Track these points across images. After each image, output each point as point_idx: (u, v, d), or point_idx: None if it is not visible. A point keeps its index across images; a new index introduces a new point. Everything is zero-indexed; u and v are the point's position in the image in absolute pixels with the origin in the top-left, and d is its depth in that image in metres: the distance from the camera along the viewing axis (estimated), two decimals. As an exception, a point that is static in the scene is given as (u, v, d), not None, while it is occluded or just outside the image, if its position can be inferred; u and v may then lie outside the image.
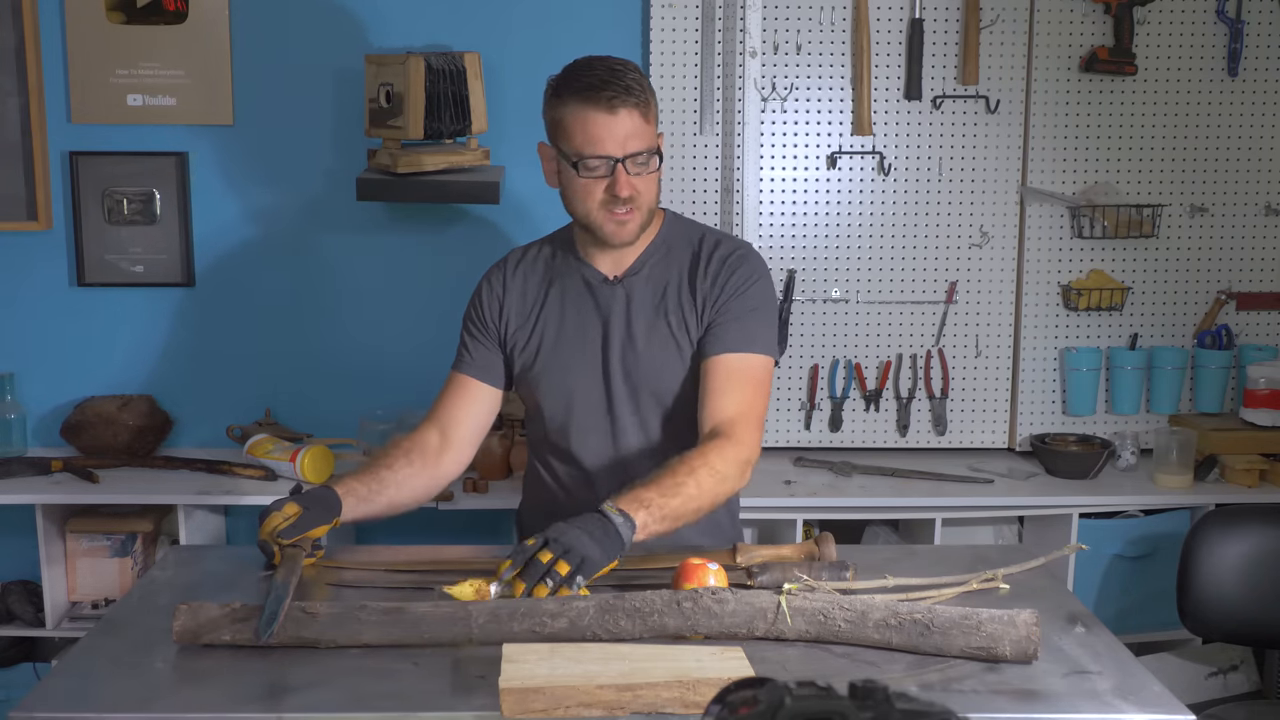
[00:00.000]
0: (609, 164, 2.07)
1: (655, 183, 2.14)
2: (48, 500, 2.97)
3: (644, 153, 2.08)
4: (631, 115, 2.06)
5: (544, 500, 2.28)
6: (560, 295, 2.23)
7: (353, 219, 3.25)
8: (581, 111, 2.06)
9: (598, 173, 2.08)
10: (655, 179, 2.13)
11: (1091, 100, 3.23)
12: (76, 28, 3.15)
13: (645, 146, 2.08)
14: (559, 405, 2.22)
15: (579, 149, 2.07)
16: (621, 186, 2.07)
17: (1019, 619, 1.64)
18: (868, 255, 3.26)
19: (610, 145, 2.06)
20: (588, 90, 2.06)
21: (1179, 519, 3.13)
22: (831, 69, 3.20)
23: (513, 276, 2.26)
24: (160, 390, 3.29)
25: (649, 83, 2.12)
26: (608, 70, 2.07)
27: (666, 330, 2.18)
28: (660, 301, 2.19)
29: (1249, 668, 3.17)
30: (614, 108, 2.05)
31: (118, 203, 3.22)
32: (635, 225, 2.13)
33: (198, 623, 1.66)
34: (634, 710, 1.48)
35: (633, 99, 2.05)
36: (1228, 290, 3.34)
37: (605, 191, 2.09)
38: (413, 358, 3.29)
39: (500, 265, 2.29)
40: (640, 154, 2.08)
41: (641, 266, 2.21)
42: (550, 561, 1.75)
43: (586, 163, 2.07)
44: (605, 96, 2.05)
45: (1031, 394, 3.33)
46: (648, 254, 2.21)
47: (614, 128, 2.05)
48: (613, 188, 2.08)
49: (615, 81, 2.05)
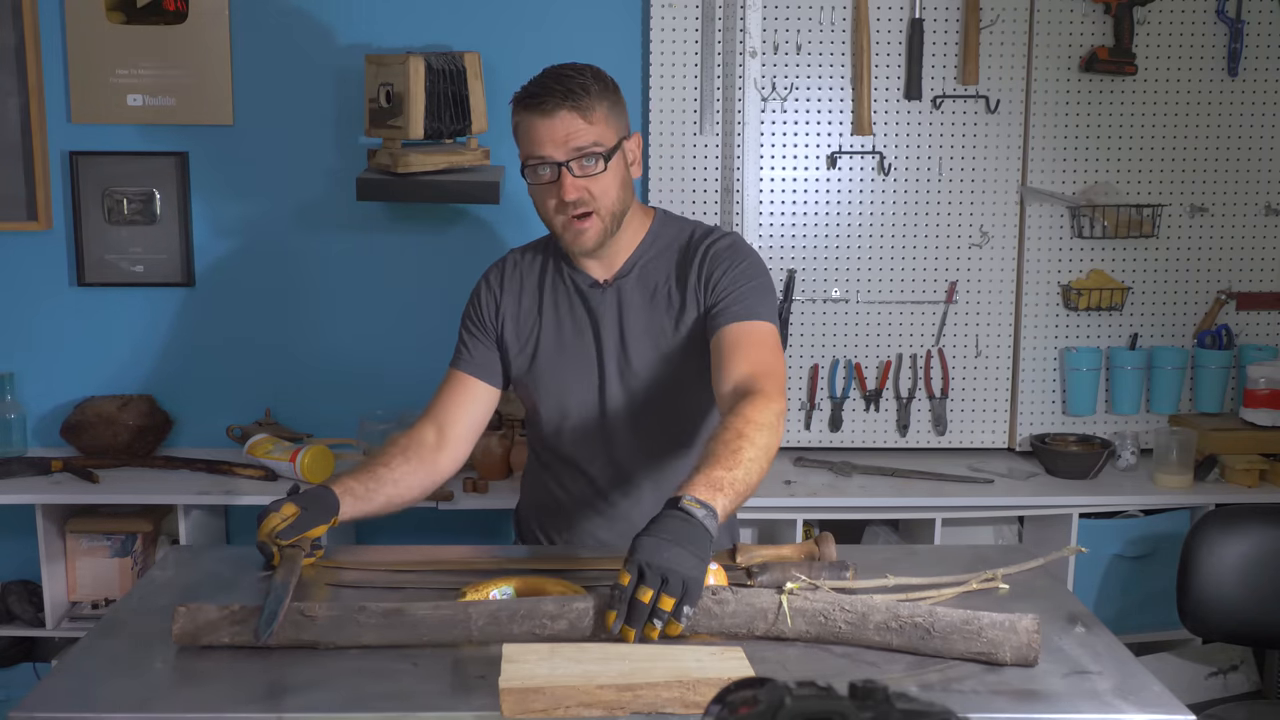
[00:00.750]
0: (554, 168, 2.06)
1: (614, 183, 2.10)
2: (48, 500, 2.97)
3: (588, 150, 2.06)
4: (570, 117, 2.05)
5: (543, 499, 2.29)
6: (554, 300, 2.22)
7: (353, 219, 3.25)
8: (524, 118, 2.09)
9: (544, 178, 2.08)
10: (612, 179, 2.10)
11: (1091, 100, 3.23)
12: (76, 28, 3.15)
13: (588, 144, 2.06)
14: (554, 409, 2.22)
15: (524, 155, 2.09)
16: (566, 190, 2.06)
17: (1020, 625, 1.64)
18: (868, 255, 3.26)
19: (549, 147, 2.06)
20: (527, 98, 2.08)
21: (1179, 519, 3.13)
22: (831, 69, 3.20)
23: (510, 278, 2.26)
24: (160, 390, 3.29)
25: (606, 85, 2.11)
26: (553, 77, 2.08)
27: (660, 330, 2.17)
28: (652, 301, 2.18)
29: (1249, 668, 3.17)
30: (549, 111, 2.05)
31: (118, 203, 3.22)
32: (595, 232, 2.11)
33: (197, 624, 1.66)
34: (634, 710, 1.48)
35: (570, 100, 2.05)
36: (1228, 290, 3.34)
37: (555, 198, 2.08)
38: (413, 358, 3.29)
39: (498, 265, 2.29)
40: (584, 152, 2.06)
41: (631, 268, 2.20)
42: (652, 599, 1.61)
43: (532, 168, 2.08)
44: (540, 100, 2.06)
45: (1031, 394, 3.33)
46: (637, 255, 2.20)
47: (552, 130, 2.05)
48: (560, 191, 2.07)
49: (554, 86, 2.05)
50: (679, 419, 2.21)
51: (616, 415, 2.19)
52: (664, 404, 2.19)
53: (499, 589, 1.82)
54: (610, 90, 2.11)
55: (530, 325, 2.23)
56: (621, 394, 2.18)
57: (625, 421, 2.19)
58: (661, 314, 2.18)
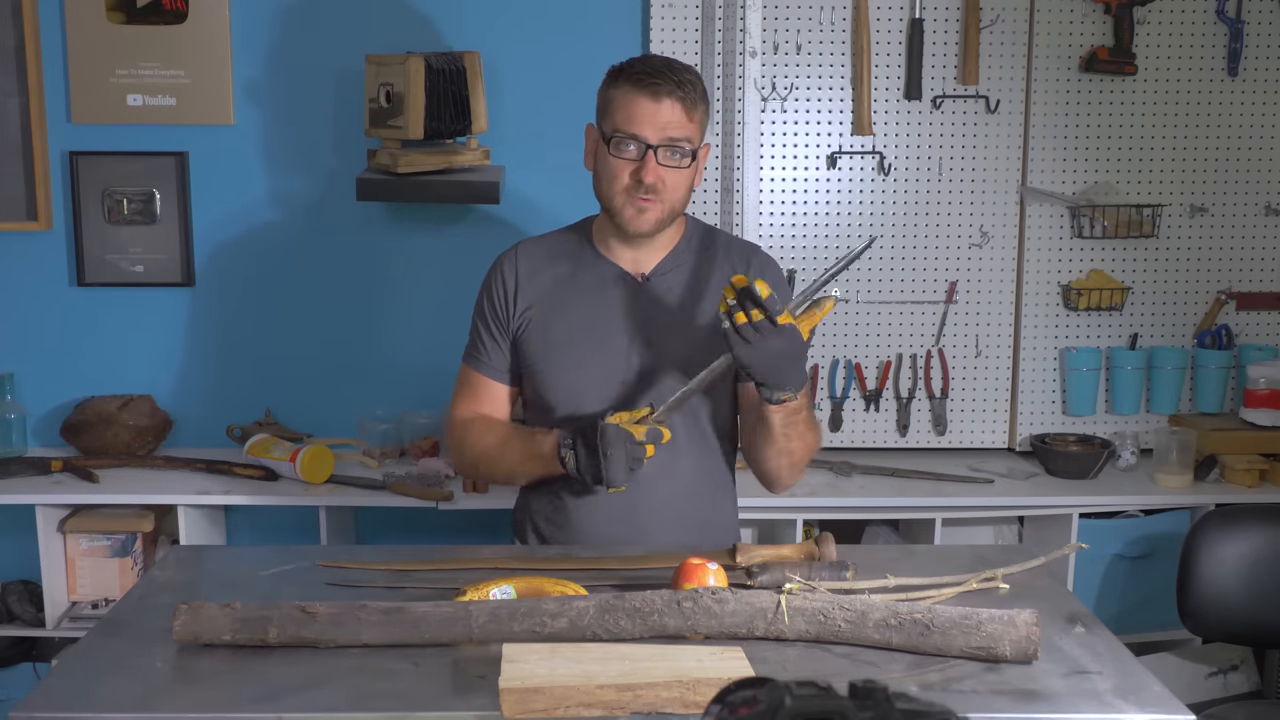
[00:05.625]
0: (641, 147, 2.10)
1: (685, 182, 2.15)
2: (48, 500, 2.97)
3: (680, 145, 2.10)
4: (674, 107, 2.10)
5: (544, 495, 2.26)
6: (578, 288, 2.21)
7: (353, 219, 3.25)
8: (628, 93, 2.11)
9: (628, 154, 2.10)
10: (686, 178, 2.14)
11: (1091, 100, 3.23)
12: (76, 28, 3.15)
13: (683, 137, 2.11)
14: (568, 397, 2.20)
15: (616, 125, 2.11)
16: (648, 172, 2.09)
17: (1019, 619, 1.64)
18: (868, 255, 3.26)
19: (646, 129, 2.09)
20: (640, 75, 2.11)
21: (1179, 519, 3.13)
22: (831, 69, 3.20)
23: (525, 263, 2.25)
24: (160, 390, 3.29)
25: (704, 93, 2.16)
26: (666, 65, 2.13)
27: (692, 328, 2.18)
28: (692, 302, 2.19)
29: (1249, 668, 3.17)
30: (658, 95, 2.09)
31: (118, 203, 3.22)
32: (654, 216, 2.14)
33: (198, 623, 1.66)
34: (634, 710, 1.48)
35: (680, 93, 2.10)
36: (1228, 290, 3.34)
37: (631, 176, 2.11)
38: (412, 358, 3.29)
39: (512, 252, 2.28)
40: (676, 145, 2.10)
41: (669, 268, 2.21)
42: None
43: (620, 141, 2.10)
44: (653, 83, 2.09)
45: (1031, 394, 3.33)
46: (676, 254, 2.23)
47: (655, 114, 2.09)
48: (639, 172, 2.10)
49: (668, 74, 2.10)
50: (698, 419, 2.20)
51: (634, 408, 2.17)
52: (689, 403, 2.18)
53: (499, 589, 1.82)
54: (706, 99, 2.17)
55: (547, 308, 2.21)
56: (643, 388, 2.17)
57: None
58: (694, 313, 2.19)
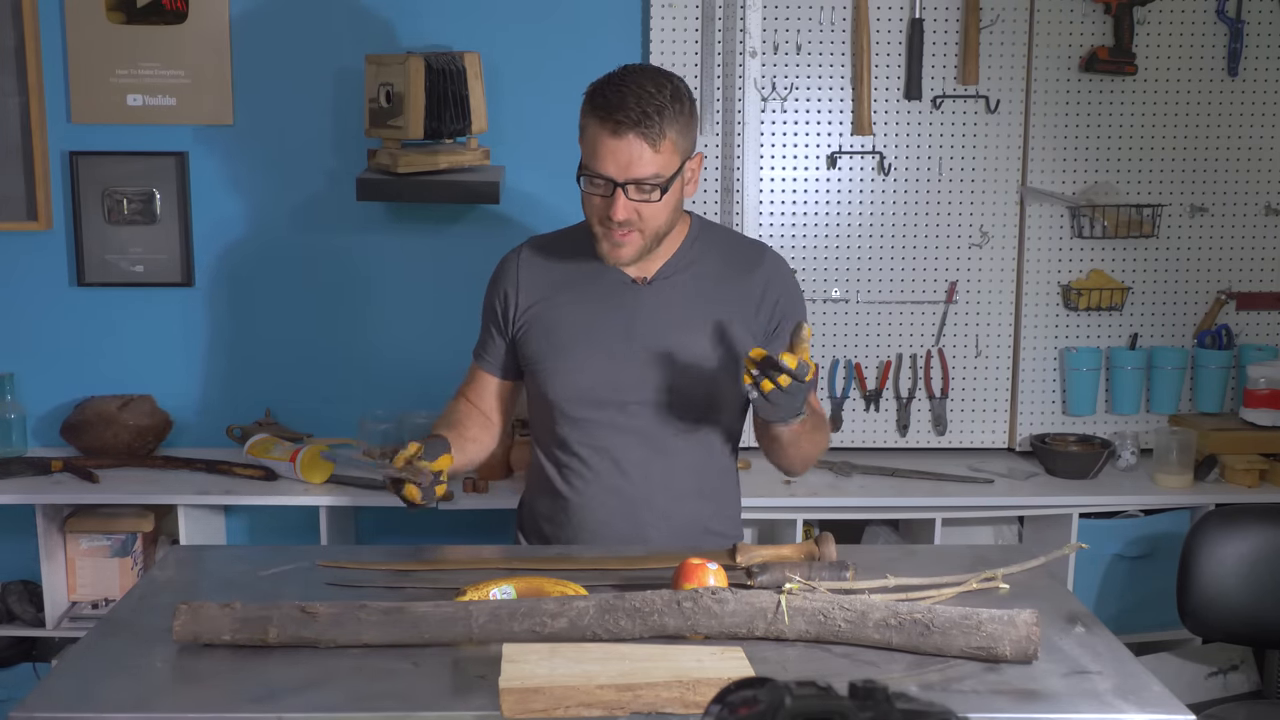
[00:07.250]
0: (609, 185, 2.05)
1: (664, 209, 2.09)
2: (48, 500, 2.98)
3: (645, 183, 2.05)
4: (637, 143, 2.02)
5: (547, 494, 2.27)
6: (582, 290, 2.20)
7: (353, 219, 3.25)
8: (594, 127, 2.05)
9: (599, 190, 2.07)
10: (665, 206, 2.09)
11: (1091, 100, 3.23)
12: (76, 28, 3.15)
13: (649, 175, 2.04)
14: (569, 400, 2.20)
15: (585, 160, 2.08)
16: (617, 210, 2.05)
17: (1019, 619, 1.64)
18: (868, 255, 3.26)
19: (611, 168, 2.04)
20: (602, 109, 2.04)
21: (1179, 519, 3.13)
22: (831, 69, 3.20)
23: (529, 263, 2.25)
24: (160, 390, 3.29)
25: (682, 106, 2.07)
26: (632, 92, 2.02)
27: (702, 334, 2.16)
28: (697, 304, 2.18)
29: (1249, 668, 3.17)
30: (620, 132, 2.02)
31: (118, 203, 3.22)
32: (632, 250, 2.11)
33: (198, 623, 1.66)
34: (634, 710, 1.48)
35: (642, 126, 2.01)
36: (1228, 290, 3.34)
37: (603, 211, 2.08)
38: (412, 358, 3.29)
39: (515, 252, 2.28)
40: (641, 183, 2.05)
41: (673, 271, 2.20)
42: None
43: (590, 178, 2.07)
44: (614, 120, 2.02)
45: (1031, 394, 3.33)
46: (679, 257, 2.20)
47: (617, 152, 2.03)
48: (610, 208, 2.06)
49: (632, 106, 2.01)
50: (699, 419, 2.20)
51: (639, 410, 2.17)
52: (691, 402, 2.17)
53: (499, 589, 1.82)
54: (684, 111, 2.08)
55: (551, 307, 2.21)
56: (647, 389, 2.16)
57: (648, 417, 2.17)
58: (708, 317, 2.17)
